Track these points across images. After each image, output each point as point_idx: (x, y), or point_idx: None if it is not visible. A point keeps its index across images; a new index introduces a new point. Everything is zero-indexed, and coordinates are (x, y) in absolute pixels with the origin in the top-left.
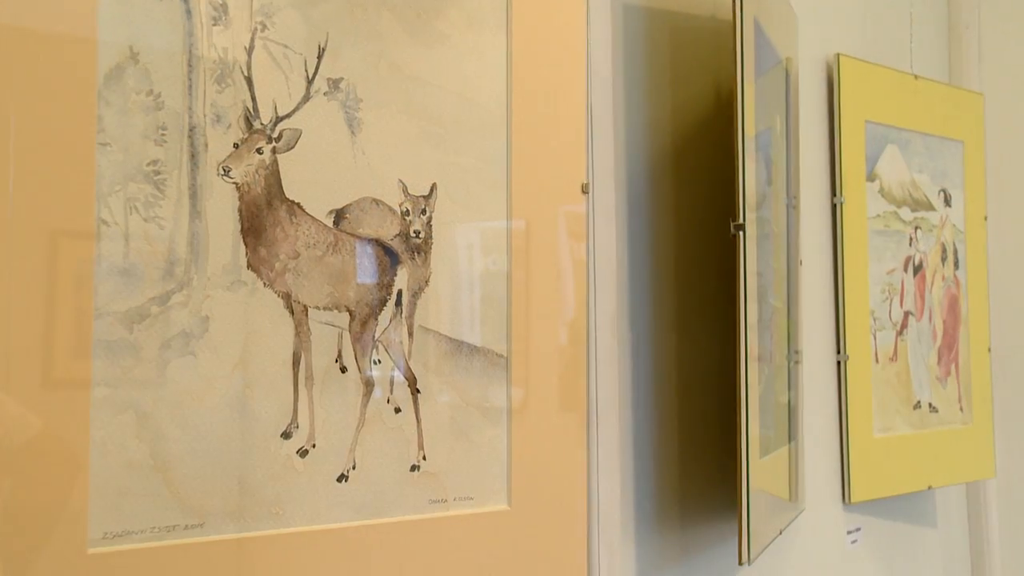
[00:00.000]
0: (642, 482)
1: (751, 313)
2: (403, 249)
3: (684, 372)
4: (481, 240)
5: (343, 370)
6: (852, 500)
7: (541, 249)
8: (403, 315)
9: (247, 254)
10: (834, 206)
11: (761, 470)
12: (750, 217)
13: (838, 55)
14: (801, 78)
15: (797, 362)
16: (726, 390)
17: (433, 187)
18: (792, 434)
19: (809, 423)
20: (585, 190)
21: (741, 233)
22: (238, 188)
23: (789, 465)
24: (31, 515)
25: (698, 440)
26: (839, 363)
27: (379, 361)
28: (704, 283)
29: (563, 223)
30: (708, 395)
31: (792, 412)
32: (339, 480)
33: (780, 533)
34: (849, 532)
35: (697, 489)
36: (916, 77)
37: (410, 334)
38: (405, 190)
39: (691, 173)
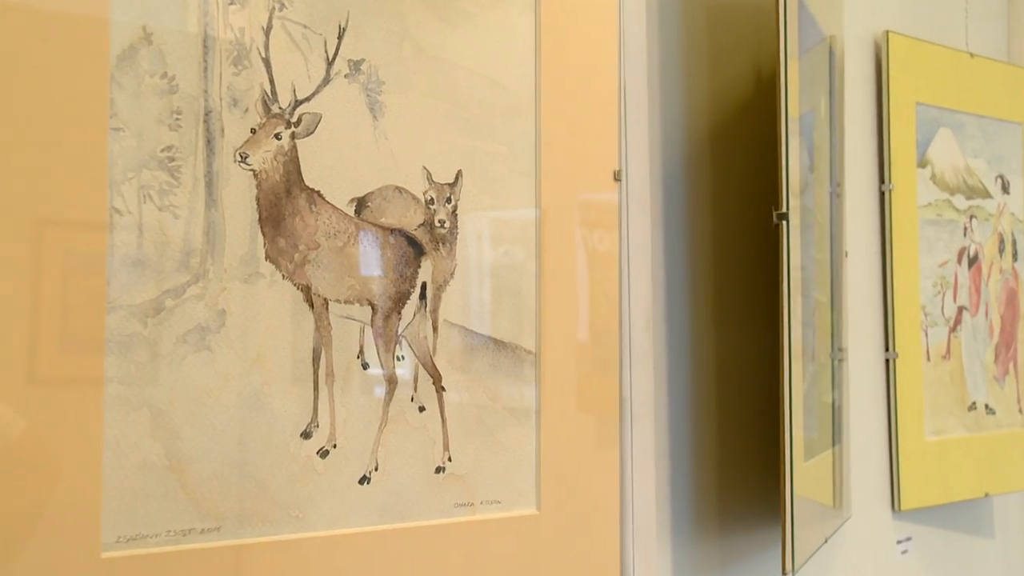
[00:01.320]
0: (678, 486)
1: (795, 308)
2: (427, 240)
3: (723, 370)
4: (509, 230)
5: (365, 366)
6: (902, 507)
7: (571, 240)
8: (427, 309)
9: (265, 245)
10: (882, 194)
11: (805, 474)
12: (793, 205)
13: (887, 32)
14: (847, 57)
15: (842, 360)
16: (767, 389)
17: (458, 174)
18: (837, 437)
19: (855, 425)
20: (618, 177)
21: (784, 223)
22: (256, 175)
23: (834, 469)
24: (43, 517)
25: (737, 442)
26: (887, 361)
27: (402, 357)
28: (744, 276)
29: (594, 212)
30: (748, 394)
31: (837, 413)
32: (361, 482)
33: (825, 541)
34: (899, 542)
35: (736, 494)
36: (971, 55)
37: (435, 329)
38: (429, 177)
39: (730, 159)
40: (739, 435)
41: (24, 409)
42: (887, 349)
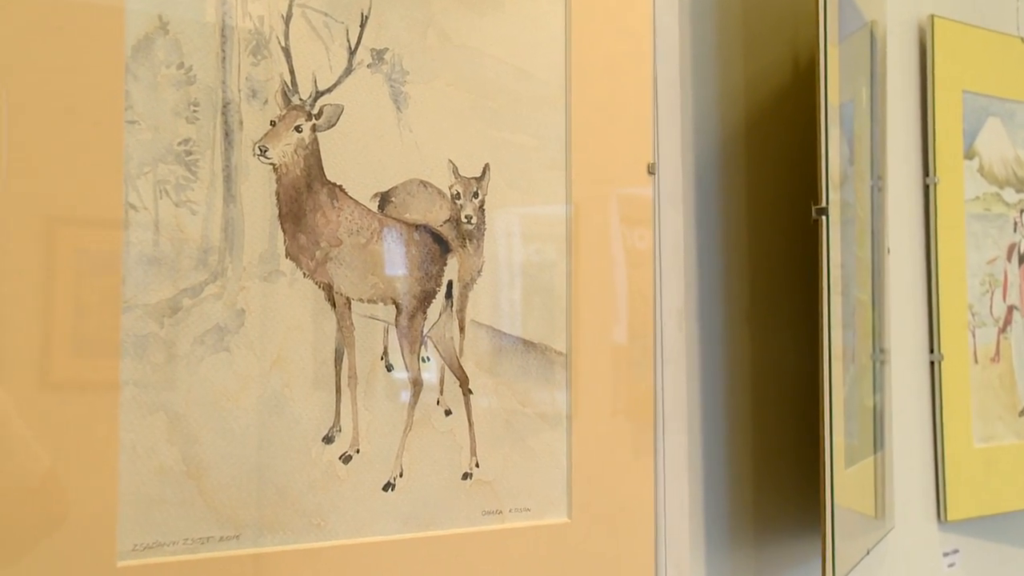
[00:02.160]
0: (712, 494)
1: (835, 307)
2: (453, 236)
3: (759, 372)
4: (538, 226)
5: (389, 368)
6: (948, 518)
7: (603, 236)
8: (454, 308)
9: (285, 242)
10: (926, 187)
11: (846, 482)
12: (833, 199)
13: (932, 16)
14: (889, 43)
15: (884, 362)
16: (806, 392)
17: (486, 168)
18: (879, 442)
19: (899, 430)
20: (652, 171)
21: (824, 218)
22: (275, 169)
23: (876, 477)
24: (55, 522)
25: (774, 448)
26: (932, 364)
27: (428, 359)
28: (781, 274)
29: (628, 207)
30: (785, 398)
31: (879, 418)
32: (385, 489)
33: (867, 553)
34: (945, 554)
35: (773, 503)
36: (1023, 40)
37: (461, 329)
38: (455, 171)
39: (766, 151)
40: (776, 441)
41: (38, 413)
42: (932, 351)
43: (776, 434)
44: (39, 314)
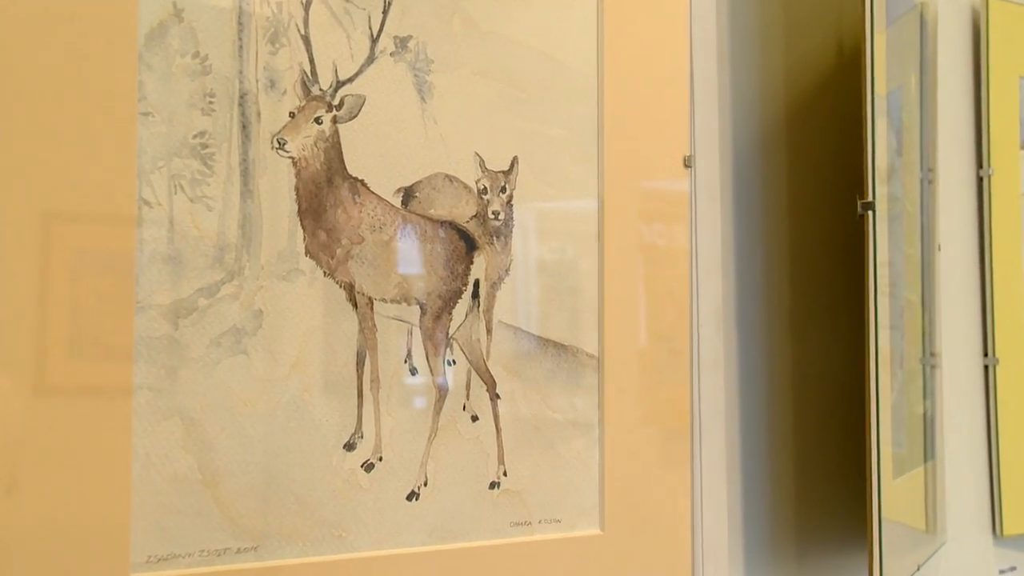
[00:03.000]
0: (752, 506)
1: (882, 308)
2: (480, 233)
3: (801, 377)
4: (569, 222)
5: (413, 372)
6: (1005, 533)
7: (636, 232)
8: (480, 309)
9: (305, 239)
10: (980, 180)
11: (894, 494)
12: (880, 193)
13: None
14: (940, 27)
15: (935, 366)
16: (851, 399)
17: (514, 161)
18: (929, 452)
19: (950, 439)
20: (688, 164)
21: (870, 213)
22: (295, 163)
23: (926, 489)
24: (68, 536)
25: (817, 457)
26: (986, 368)
27: (454, 362)
28: (824, 272)
29: (663, 203)
30: (830, 404)
31: (929, 425)
32: (409, 498)
33: (918, 569)
34: (1001, 572)
35: (817, 515)
36: None
37: (488, 330)
38: (482, 164)
39: (808, 143)
40: (819, 450)
41: (48, 419)
42: (986, 354)
43: (820, 443)
44: (48, 315)
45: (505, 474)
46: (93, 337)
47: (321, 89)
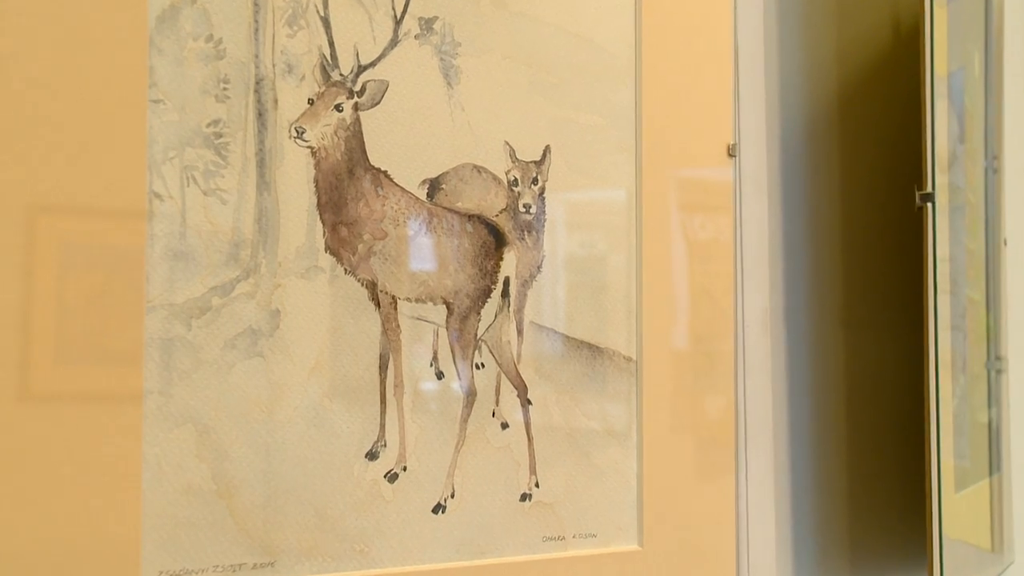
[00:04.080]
0: (802, 521)
1: (943, 308)
2: (510, 227)
3: (854, 383)
4: (605, 216)
5: (439, 376)
6: None
7: (677, 226)
8: (511, 308)
9: (325, 234)
10: None
11: (956, 510)
12: (940, 183)
13: None
14: (1007, 1)
15: (1000, 371)
16: (909, 406)
17: (546, 150)
18: (995, 464)
19: (1018, 450)
20: (731, 153)
21: (929, 204)
22: (314, 153)
23: (992, 504)
24: (75, 550)
25: (873, 469)
26: None
27: (483, 365)
28: (879, 269)
29: (706, 194)
30: (885, 412)
31: (995, 435)
32: (435, 511)
33: None
34: None
35: (872, 533)
36: None
37: (519, 332)
38: (512, 154)
39: (863, 129)
40: (875, 461)
41: (53, 425)
42: None
43: (875, 454)
44: (53, 316)
45: (537, 485)
46: (100, 339)
47: (341, 74)
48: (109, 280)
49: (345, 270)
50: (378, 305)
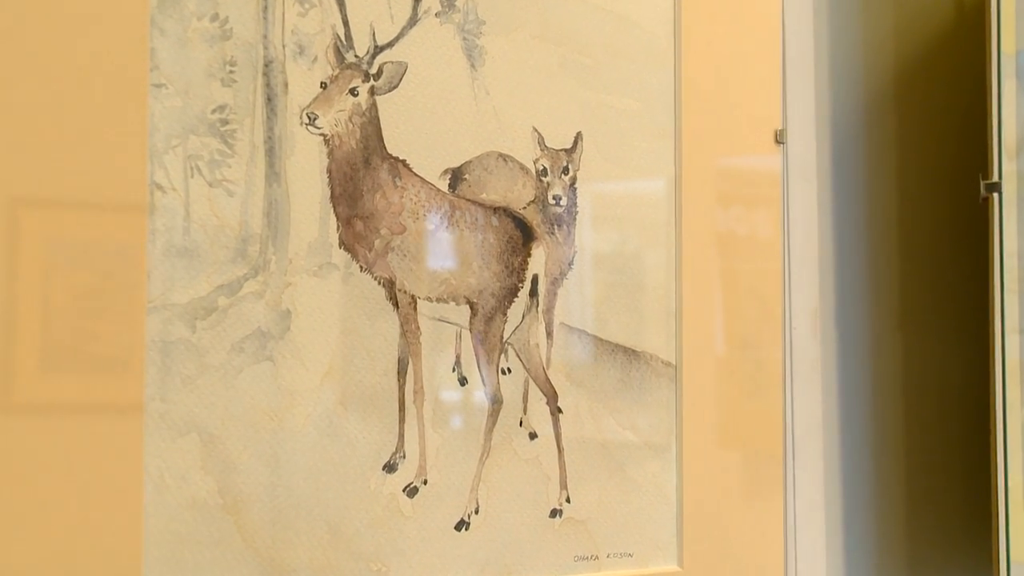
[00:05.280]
0: (855, 542)
1: (1010, 308)
2: (539, 221)
3: (913, 390)
4: (642, 208)
5: (462, 382)
6: None
7: (719, 220)
8: (540, 309)
9: (339, 228)
10: None
11: None
12: (1008, 171)
13: None
14: None
15: None
16: (974, 416)
17: (578, 137)
18: None
19: None
20: (779, 139)
21: (996, 195)
22: (327, 141)
23: None
24: (73, 568)
25: (933, 486)
26: None
27: (509, 370)
28: (941, 266)
29: (751, 185)
30: (947, 423)
31: None
32: (458, 528)
33: None
34: None
35: (932, 555)
36: None
37: (549, 334)
38: (541, 142)
39: (921, 113)
40: (935, 478)
41: (48, 435)
42: None
43: (935, 470)
44: (45, 319)
45: (568, 500)
46: (97, 342)
47: (357, 56)
48: (107, 279)
49: (361, 267)
50: (396, 305)
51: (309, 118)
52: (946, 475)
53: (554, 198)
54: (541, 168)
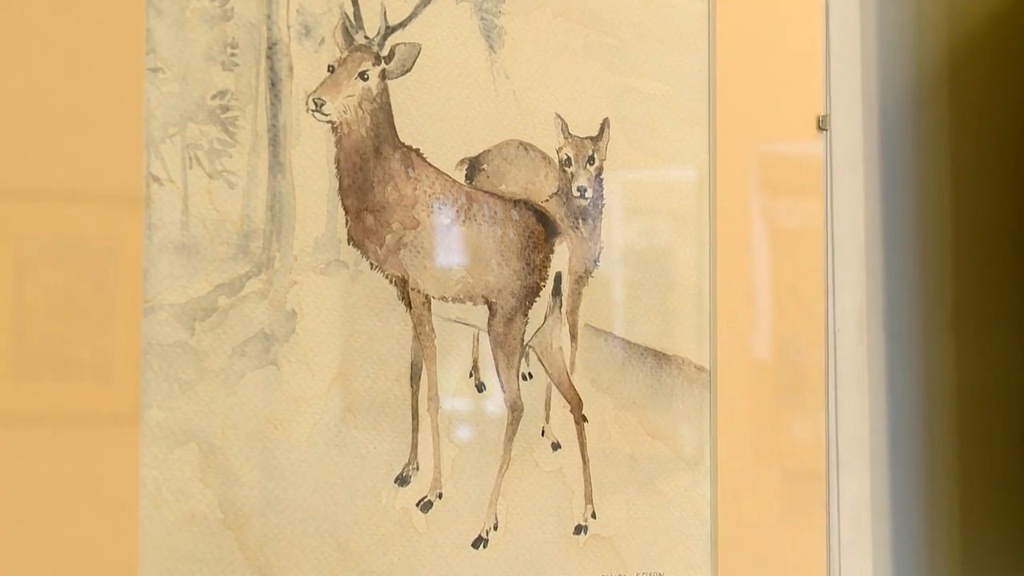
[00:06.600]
0: (904, 562)
1: None
2: (563, 214)
3: (967, 399)
4: (674, 200)
5: (480, 388)
6: None
7: (757, 212)
8: (563, 309)
9: (348, 223)
10: None
11: None
12: None
13: None
14: None
15: None
16: None
17: (604, 124)
18: None
19: None
20: (822, 126)
21: None
22: (335, 129)
23: None
24: None
25: (989, 500)
26: None
27: (530, 375)
28: (999, 265)
29: (791, 175)
30: (1006, 434)
31: None
32: (476, 545)
33: None
34: None
35: (986, 574)
36: None
37: (573, 337)
38: (565, 129)
39: (977, 98)
40: (991, 490)
41: (38, 444)
42: None
43: (991, 484)
44: (33, 319)
45: (594, 516)
46: (91, 346)
47: (367, 37)
48: (100, 277)
49: (371, 265)
50: (409, 305)
51: (316, 104)
52: (1005, 492)
53: (579, 190)
54: (564, 157)
